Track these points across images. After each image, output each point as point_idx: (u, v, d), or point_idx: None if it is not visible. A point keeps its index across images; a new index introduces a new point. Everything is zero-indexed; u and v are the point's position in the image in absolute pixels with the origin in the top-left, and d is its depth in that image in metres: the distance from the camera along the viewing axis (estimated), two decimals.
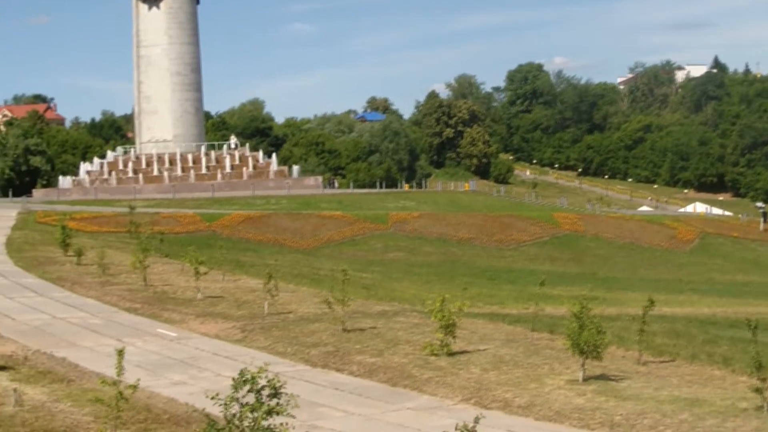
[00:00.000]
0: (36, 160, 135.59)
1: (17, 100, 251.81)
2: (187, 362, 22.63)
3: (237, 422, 12.03)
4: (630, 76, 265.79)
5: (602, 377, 20.29)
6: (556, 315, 29.55)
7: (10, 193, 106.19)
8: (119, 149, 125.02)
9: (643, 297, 24.97)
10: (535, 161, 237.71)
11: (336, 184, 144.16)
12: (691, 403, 17.78)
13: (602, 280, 60.89)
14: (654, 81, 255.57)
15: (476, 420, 12.04)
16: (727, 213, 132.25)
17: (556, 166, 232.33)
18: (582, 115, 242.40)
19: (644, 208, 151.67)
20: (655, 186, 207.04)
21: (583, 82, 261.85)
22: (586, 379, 19.92)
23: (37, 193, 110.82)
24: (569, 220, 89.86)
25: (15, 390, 18.68)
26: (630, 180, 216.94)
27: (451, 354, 22.62)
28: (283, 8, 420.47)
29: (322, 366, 22.22)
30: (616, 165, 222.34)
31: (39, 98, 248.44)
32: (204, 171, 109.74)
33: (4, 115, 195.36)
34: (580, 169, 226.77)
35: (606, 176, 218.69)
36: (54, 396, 19.03)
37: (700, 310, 39.28)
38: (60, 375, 21.17)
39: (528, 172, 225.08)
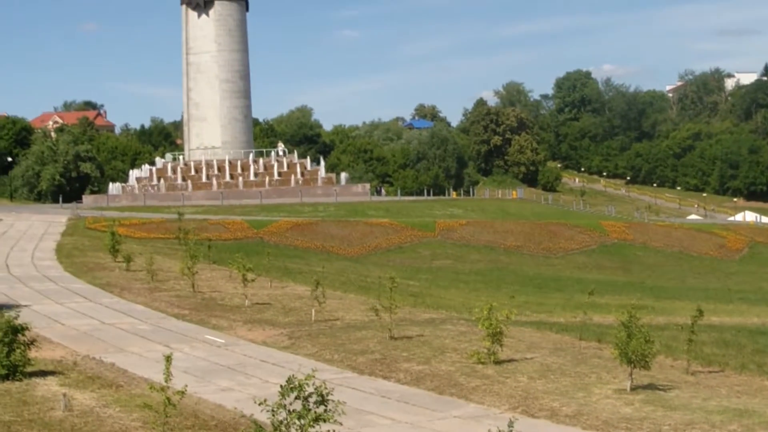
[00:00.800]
0: (86, 167, 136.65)
1: (68, 106, 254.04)
2: (234, 369, 22.71)
3: (284, 429, 12.07)
4: (679, 83, 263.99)
5: (650, 387, 20.15)
6: (604, 324, 29.39)
7: (61, 199, 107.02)
8: (168, 156, 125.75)
9: (691, 306, 24.82)
10: (583, 169, 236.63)
11: (383, 192, 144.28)
12: (741, 414, 17.63)
13: (650, 289, 60.43)
14: (703, 89, 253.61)
15: (510, 424, 12.03)
16: None
17: (605, 174, 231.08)
18: (630, 122, 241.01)
19: (693, 217, 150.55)
20: (704, 194, 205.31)
21: (631, 89, 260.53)
22: (634, 389, 19.79)
23: (87, 199, 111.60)
24: (617, 228, 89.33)
25: (64, 395, 18.84)
26: (679, 188, 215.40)
27: (498, 362, 22.56)
28: (332, 15, 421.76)
29: (369, 373, 22.22)
30: (665, 173, 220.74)
31: (89, 105, 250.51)
32: (252, 178, 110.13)
33: (55, 122, 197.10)
34: (628, 178, 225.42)
35: (654, 184, 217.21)
36: (103, 401, 19.17)
37: (749, 319, 38.87)
38: (108, 380, 21.31)
39: (576, 180, 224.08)
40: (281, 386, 12.35)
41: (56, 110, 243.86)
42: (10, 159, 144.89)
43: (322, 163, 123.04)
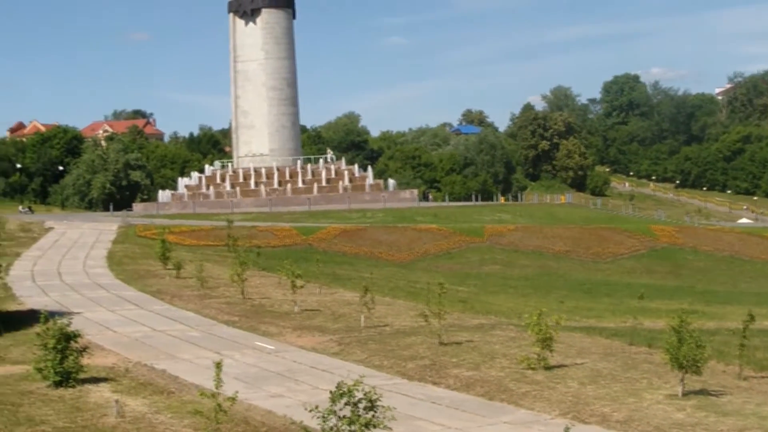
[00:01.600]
0: (136, 175, 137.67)
1: (117, 115, 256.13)
2: (284, 375, 22.79)
3: None
4: (728, 86, 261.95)
5: (702, 392, 20.02)
6: (655, 329, 29.24)
7: (111, 207, 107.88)
8: (217, 163, 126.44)
9: (743, 311, 24.60)
10: (631, 173, 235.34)
11: (430, 197, 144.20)
12: None
13: (701, 293, 60.00)
14: (753, 91, 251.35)
15: (566, 430, 12.00)
16: None
17: (654, 178, 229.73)
18: (679, 126, 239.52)
19: (744, 221, 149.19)
20: (755, 198, 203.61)
21: (680, 92, 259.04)
22: (685, 394, 19.67)
23: (137, 207, 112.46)
24: (667, 232, 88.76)
25: (116, 401, 19.00)
26: (729, 192, 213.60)
27: (548, 368, 22.50)
28: (379, 22, 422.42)
29: (418, 379, 22.23)
30: (715, 177, 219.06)
31: (138, 113, 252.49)
32: (300, 185, 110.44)
33: (105, 131, 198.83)
34: (677, 181, 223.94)
35: (704, 188, 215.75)
36: (154, 407, 19.31)
37: None
38: (160, 387, 21.46)
39: (626, 185, 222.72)
40: (331, 392, 12.41)
41: (106, 119, 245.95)
42: (61, 168, 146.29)
43: (370, 169, 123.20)
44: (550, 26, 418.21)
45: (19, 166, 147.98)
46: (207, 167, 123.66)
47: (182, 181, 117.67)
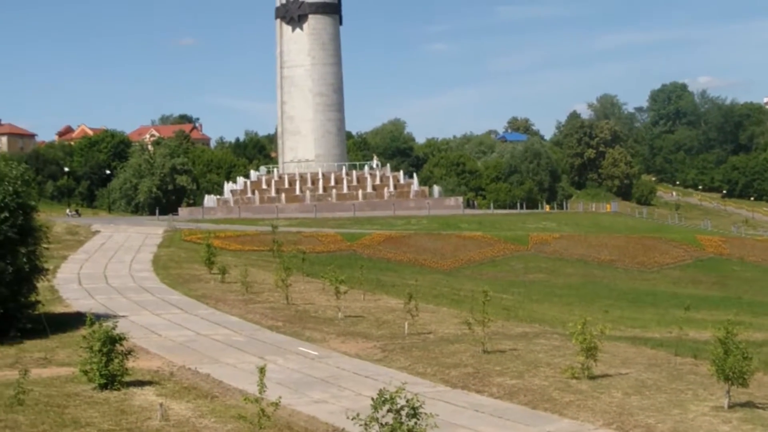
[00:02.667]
0: (182, 179, 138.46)
1: (164, 120, 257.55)
2: (327, 381, 22.82)
3: None
4: None
5: (748, 404, 19.85)
6: (700, 340, 29.04)
7: (157, 212, 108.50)
8: (262, 169, 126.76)
9: None
10: (678, 182, 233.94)
11: (475, 205, 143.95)
12: None
13: (748, 304, 59.47)
14: None
15: None
16: None
17: (700, 187, 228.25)
18: (727, 135, 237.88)
19: None
20: None
21: (728, 102, 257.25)
22: (731, 406, 19.51)
23: (183, 211, 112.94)
24: (713, 242, 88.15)
25: (161, 405, 19.10)
26: None
27: (592, 377, 22.40)
28: (424, 28, 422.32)
29: (461, 387, 22.20)
30: (762, 186, 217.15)
31: (185, 118, 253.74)
32: (345, 191, 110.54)
33: (152, 135, 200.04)
34: (724, 191, 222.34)
35: (751, 198, 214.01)
36: (198, 411, 19.40)
37: None
38: (204, 391, 21.56)
39: (673, 194, 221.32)
40: (373, 399, 12.40)
41: (153, 124, 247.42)
42: (108, 172, 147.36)
43: (415, 176, 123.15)
44: (597, 34, 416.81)
45: (66, 169, 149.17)
46: (252, 172, 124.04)
47: (228, 186, 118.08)
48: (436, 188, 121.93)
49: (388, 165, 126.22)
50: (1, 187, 28.94)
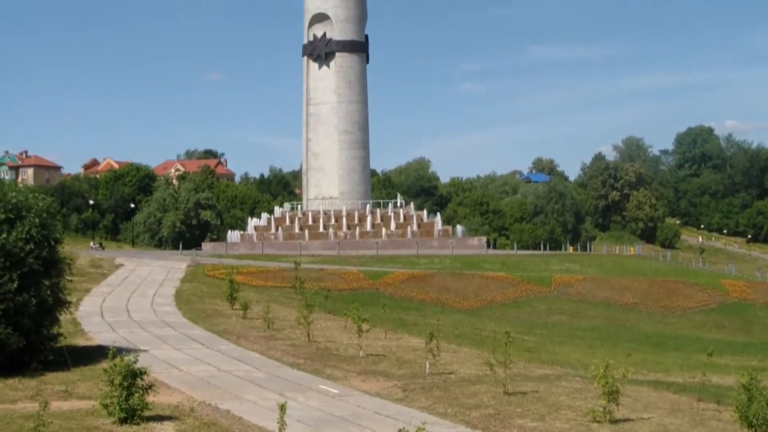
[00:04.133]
0: (206, 214, 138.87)
1: (189, 155, 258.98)
2: (348, 419, 22.73)
3: None
4: None
5: None
6: (724, 385, 28.83)
7: (181, 246, 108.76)
8: (286, 205, 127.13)
9: None
10: (702, 226, 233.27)
11: (495, 245, 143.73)
12: None
13: None
14: None
15: None
16: None
17: (725, 231, 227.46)
18: (753, 179, 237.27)
19: None
20: None
21: (754, 146, 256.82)
22: None
23: (206, 246, 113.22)
24: (738, 287, 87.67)
25: None
26: None
27: (614, 421, 22.25)
28: (453, 68, 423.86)
29: (482, 428, 22.07)
30: None
31: (210, 153, 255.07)
32: (369, 229, 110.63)
33: (177, 170, 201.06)
34: (749, 236, 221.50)
35: None
36: None
37: None
38: (224, 427, 21.51)
39: (700, 239, 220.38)
40: None
41: (179, 158, 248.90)
42: (133, 205, 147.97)
43: (439, 215, 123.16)
44: (623, 76, 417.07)
45: (91, 202, 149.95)
46: (276, 209, 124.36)
47: (251, 222, 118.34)
48: (459, 228, 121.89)
49: (412, 203, 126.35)
50: (27, 219, 29.06)
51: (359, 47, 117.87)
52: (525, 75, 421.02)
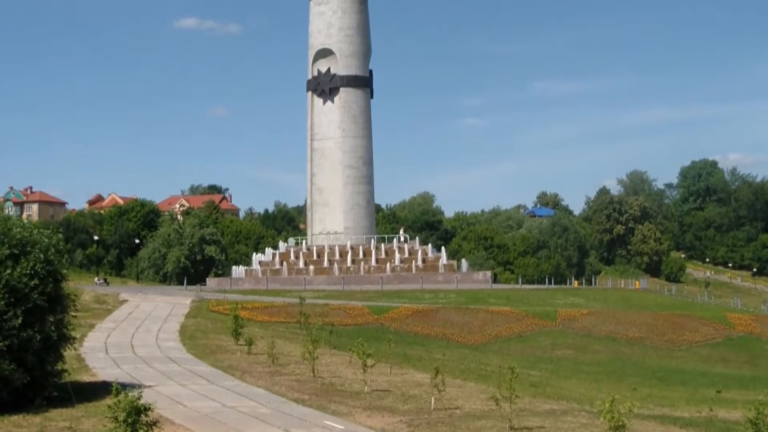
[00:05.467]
0: (210, 249, 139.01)
1: (194, 190, 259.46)
2: None
3: None
4: None
5: None
6: (730, 419, 28.72)
7: (185, 281, 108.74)
8: (291, 240, 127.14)
9: None
10: (707, 260, 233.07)
11: (497, 279, 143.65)
12: None
13: None
14: None
15: None
16: None
17: (730, 265, 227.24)
18: (757, 213, 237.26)
19: None
20: None
21: (758, 179, 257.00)
22: None
23: (211, 281, 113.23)
24: (744, 321, 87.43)
25: None
26: None
27: None
28: (456, 102, 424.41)
29: None
30: None
31: (214, 189, 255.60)
32: (374, 263, 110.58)
33: (182, 205, 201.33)
34: (755, 269, 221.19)
35: None
36: None
37: None
38: None
39: (707, 273, 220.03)
40: None
41: (183, 194, 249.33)
42: (137, 241, 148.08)
43: (444, 250, 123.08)
44: (626, 110, 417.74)
45: (96, 238, 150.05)
46: (281, 244, 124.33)
47: (256, 257, 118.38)
48: (464, 262, 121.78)
49: (417, 238, 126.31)
50: (31, 255, 29.07)
51: (363, 82, 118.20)
52: (528, 109, 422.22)
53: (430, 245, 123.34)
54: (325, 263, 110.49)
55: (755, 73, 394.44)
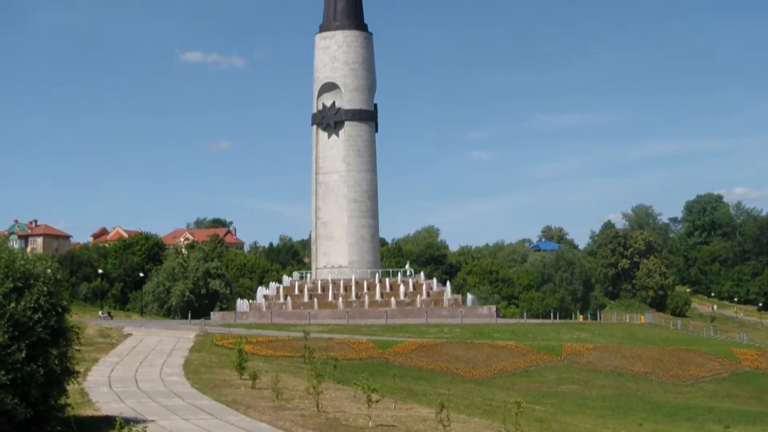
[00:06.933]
0: (215, 283, 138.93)
1: (199, 224, 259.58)
2: None
3: None
4: None
5: None
6: None
7: (189, 315, 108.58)
8: (295, 274, 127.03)
9: None
10: (713, 294, 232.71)
11: (499, 313, 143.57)
12: None
13: None
14: None
15: None
16: None
17: (736, 299, 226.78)
18: (763, 247, 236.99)
19: None
20: None
21: (763, 213, 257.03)
22: None
23: (215, 315, 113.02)
24: (750, 356, 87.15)
25: None
26: None
27: None
28: (461, 135, 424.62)
29: None
30: None
31: (219, 222, 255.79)
32: (378, 297, 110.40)
33: (186, 239, 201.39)
34: (760, 303, 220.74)
35: None
36: None
37: None
38: None
39: (714, 307, 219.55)
40: None
41: (188, 227, 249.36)
42: (142, 274, 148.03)
43: (448, 284, 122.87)
44: (631, 143, 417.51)
45: (100, 271, 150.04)
46: (285, 277, 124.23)
47: (260, 291, 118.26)
48: (469, 296, 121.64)
49: (422, 272, 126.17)
50: (35, 288, 28.96)
51: (368, 116, 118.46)
52: (533, 143, 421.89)
53: (434, 279, 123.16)
54: (330, 297, 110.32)
55: (760, 107, 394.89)
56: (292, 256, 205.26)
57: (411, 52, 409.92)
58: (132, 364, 55.62)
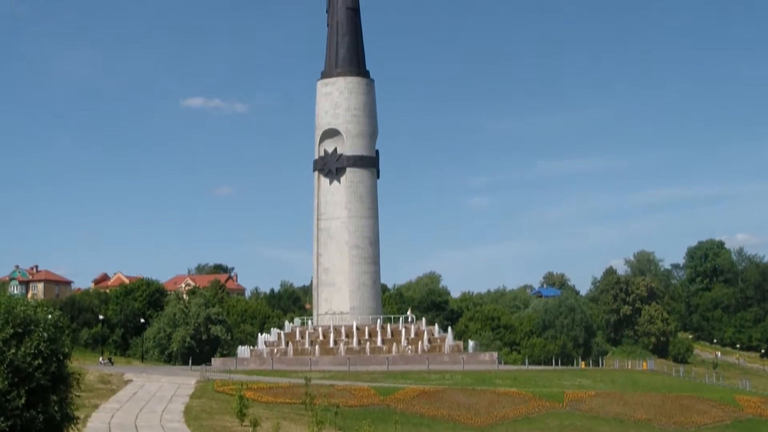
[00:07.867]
0: (216, 329, 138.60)
1: (200, 269, 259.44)
2: None
3: None
4: None
5: None
6: None
7: (190, 361, 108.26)
8: (297, 320, 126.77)
9: None
10: (715, 341, 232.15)
11: (500, 360, 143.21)
12: None
13: None
14: None
15: None
16: None
17: (738, 346, 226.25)
18: (765, 294, 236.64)
19: None
20: None
21: (766, 259, 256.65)
22: None
23: (216, 361, 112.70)
24: (753, 403, 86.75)
25: None
26: None
27: None
28: (463, 182, 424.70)
29: None
30: None
31: (220, 268, 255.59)
32: (380, 344, 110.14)
33: (187, 284, 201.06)
34: (763, 350, 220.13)
35: None
36: None
37: None
38: None
39: (718, 354, 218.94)
40: None
41: (189, 273, 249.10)
42: (143, 320, 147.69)
43: (450, 330, 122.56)
44: (632, 189, 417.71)
45: (101, 317, 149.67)
46: (287, 324, 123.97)
47: (262, 337, 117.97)
48: (471, 343, 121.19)
49: (423, 318, 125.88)
50: (35, 334, 28.93)
51: (370, 162, 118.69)
52: (534, 189, 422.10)
53: (436, 325, 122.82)
54: (331, 343, 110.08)
55: (762, 153, 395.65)
56: (293, 302, 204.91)
57: (412, 99, 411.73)
58: (132, 410, 55.44)
